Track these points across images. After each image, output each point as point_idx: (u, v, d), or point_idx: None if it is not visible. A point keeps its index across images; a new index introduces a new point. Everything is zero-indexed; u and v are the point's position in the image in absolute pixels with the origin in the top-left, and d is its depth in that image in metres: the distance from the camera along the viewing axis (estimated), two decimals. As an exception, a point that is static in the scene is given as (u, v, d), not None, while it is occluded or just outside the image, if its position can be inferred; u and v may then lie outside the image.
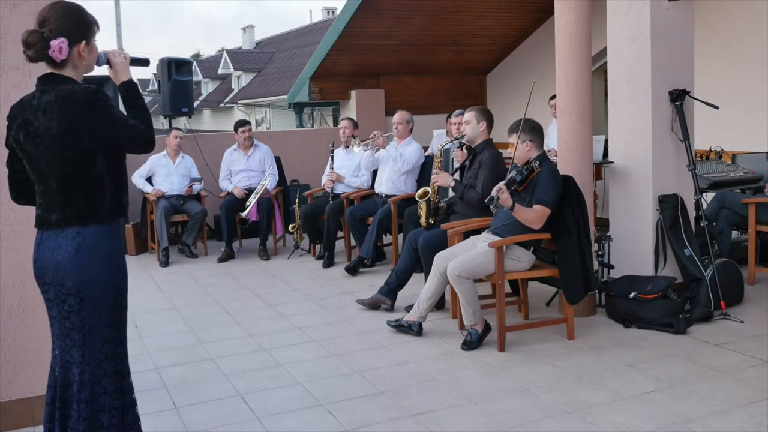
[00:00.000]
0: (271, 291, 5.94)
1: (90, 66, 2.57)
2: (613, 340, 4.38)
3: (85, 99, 2.41)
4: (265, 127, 27.66)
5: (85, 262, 2.42)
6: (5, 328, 3.35)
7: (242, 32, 40.96)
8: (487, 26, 9.27)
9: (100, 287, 2.46)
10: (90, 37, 2.52)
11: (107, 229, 2.50)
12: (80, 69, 2.53)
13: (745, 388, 3.57)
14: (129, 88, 2.58)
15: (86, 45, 2.50)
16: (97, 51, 2.58)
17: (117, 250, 2.54)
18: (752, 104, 6.65)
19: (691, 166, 4.96)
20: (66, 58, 2.46)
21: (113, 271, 2.51)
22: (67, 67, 2.50)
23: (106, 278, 2.48)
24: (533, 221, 4.27)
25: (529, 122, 4.46)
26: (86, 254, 2.43)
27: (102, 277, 2.46)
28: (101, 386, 2.52)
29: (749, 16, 6.76)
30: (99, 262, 2.45)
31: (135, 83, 2.61)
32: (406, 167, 6.54)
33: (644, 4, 4.89)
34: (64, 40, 2.43)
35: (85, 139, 2.42)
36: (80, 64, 2.52)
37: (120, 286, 2.55)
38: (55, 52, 2.42)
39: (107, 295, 2.49)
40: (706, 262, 4.83)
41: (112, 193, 2.52)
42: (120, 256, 2.55)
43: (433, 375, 3.93)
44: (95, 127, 2.41)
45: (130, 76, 2.59)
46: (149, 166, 7.53)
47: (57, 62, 2.45)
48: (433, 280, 4.53)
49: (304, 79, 9.62)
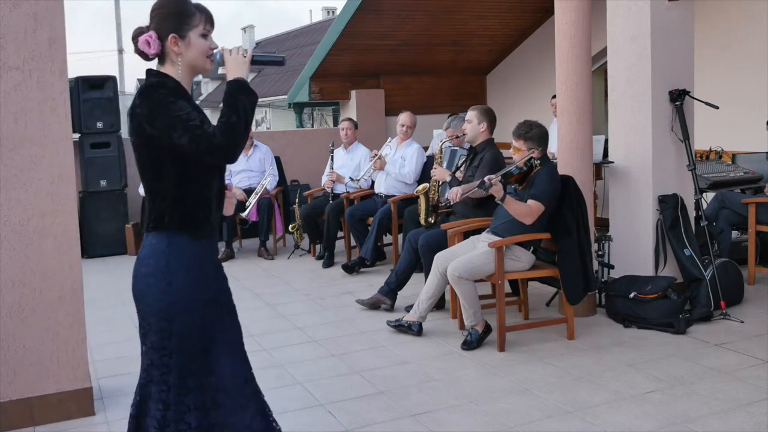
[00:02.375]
0: (271, 291, 5.94)
1: (195, 63, 2.31)
2: (613, 340, 4.38)
3: (140, 92, 2.22)
4: (265, 127, 27.66)
5: (139, 272, 2.29)
6: (5, 328, 3.35)
7: (242, 32, 40.97)
8: (487, 26, 9.27)
9: (145, 303, 2.28)
10: (182, 30, 2.26)
11: (167, 242, 2.24)
12: (179, 66, 2.29)
13: (745, 388, 3.57)
14: (229, 87, 2.25)
15: (178, 38, 2.26)
16: (200, 47, 2.30)
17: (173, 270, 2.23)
18: (752, 104, 6.65)
19: (691, 166, 4.96)
20: (161, 54, 2.28)
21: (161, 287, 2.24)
22: (166, 64, 2.30)
23: (150, 296, 2.25)
24: (525, 215, 4.26)
25: (539, 129, 4.44)
26: (140, 264, 2.29)
27: (146, 293, 2.27)
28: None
29: (749, 16, 6.76)
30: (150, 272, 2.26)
31: (239, 82, 2.25)
32: (407, 169, 6.56)
33: (644, 4, 4.89)
34: (152, 33, 2.25)
35: (146, 142, 2.21)
36: (177, 60, 2.28)
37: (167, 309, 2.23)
38: (143, 46, 2.26)
39: (153, 315, 2.26)
40: (706, 262, 4.83)
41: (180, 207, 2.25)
42: (177, 276, 2.23)
43: (433, 375, 3.93)
44: (149, 124, 2.17)
45: (238, 74, 2.25)
46: None
47: (149, 57, 2.28)
48: (433, 280, 4.53)
49: (304, 79, 9.61)
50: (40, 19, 3.35)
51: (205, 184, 2.28)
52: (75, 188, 3.53)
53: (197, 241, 2.27)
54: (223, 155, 2.19)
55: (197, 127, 2.13)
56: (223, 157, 2.20)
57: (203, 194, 2.28)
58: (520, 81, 9.66)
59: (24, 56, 3.33)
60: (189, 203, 2.25)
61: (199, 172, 2.26)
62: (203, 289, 2.28)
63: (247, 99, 2.21)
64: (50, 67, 3.38)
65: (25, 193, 3.36)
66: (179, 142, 2.14)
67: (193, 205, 2.26)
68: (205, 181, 2.28)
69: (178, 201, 2.24)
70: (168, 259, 2.23)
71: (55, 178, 3.42)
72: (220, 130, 2.15)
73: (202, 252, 2.29)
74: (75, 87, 7.49)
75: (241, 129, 2.18)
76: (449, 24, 8.95)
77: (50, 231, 3.42)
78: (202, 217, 2.28)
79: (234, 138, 2.17)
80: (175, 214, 2.24)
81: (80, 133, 7.61)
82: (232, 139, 2.16)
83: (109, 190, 7.71)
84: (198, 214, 2.28)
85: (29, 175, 3.37)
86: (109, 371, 4.13)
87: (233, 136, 2.16)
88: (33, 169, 3.38)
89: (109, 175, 7.70)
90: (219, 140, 2.14)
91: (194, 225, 2.27)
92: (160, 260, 2.23)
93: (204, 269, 2.29)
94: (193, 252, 2.26)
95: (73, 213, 3.49)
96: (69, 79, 3.53)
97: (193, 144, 2.13)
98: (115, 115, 7.84)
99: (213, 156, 2.18)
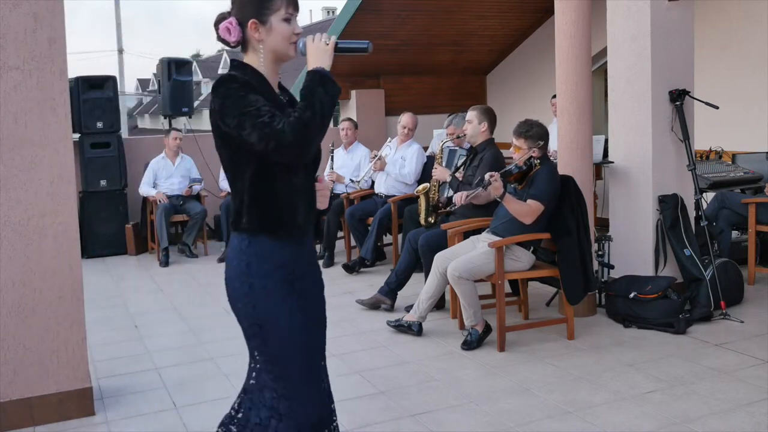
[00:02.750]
0: (271, 291, 5.93)
1: (278, 50, 2.14)
2: (613, 340, 4.38)
3: (213, 87, 2.07)
4: (265, 127, 27.59)
5: (226, 275, 2.18)
6: (5, 328, 3.35)
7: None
8: (487, 26, 9.27)
9: (236, 308, 2.17)
10: (263, 15, 2.10)
11: (247, 243, 2.12)
12: (261, 53, 2.14)
13: (745, 388, 3.57)
14: (307, 79, 2.05)
15: (258, 24, 2.11)
16: (283, 32, 2.12)
17: (253, 272, 2.11)
18: (752, 104, 6.65)
19: (691, 166, 4.96)
20: (243, 41, 2.15)
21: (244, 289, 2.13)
22: (248, 52, 2.16)
23: (238, 300, 2.15)
24: (524, 215, 4.26)
25: (539, 128, 4.44)
26: (226, 266, 2.18)
27: (234, 298, 2.16)
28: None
29: (749, 16, 6.76)
30: (234, 274, 2.14)
31: (319, 73, 2.04)
32: (407, 169, 6.56)
33: (644, 4, 4.89)
34: (233, 20, 2.12)
35: (221, 139, 2.10)
36: (259, 48, 2.13)
37: (254, 312, 2.12)
38: (223, 34, 2.13)
39: (242, 314, 2.15)
40: (706, 262, 4.83)
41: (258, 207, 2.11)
42: (259, 278, 2.11)
43: (433, 375, 3.93)
44: (221, 121, 2.04)
45: (318, 64, 2.06)
46: (151, 172, 7.51)
47: (231, 45, 2.15)
48: (433, 280, 4.52)
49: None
50: (40, 19, 3.35)
51: (286, 182, 2.10)
52: (75, 188, 3.53)
53: (280, 242, 2.12)
54: (293, 154, 1.99)
55: (265, 124, 1.96)
56: (293, 155, 2.00)
57: (285, 193, 2.11)
58: (520, 81, 9.66)
59: (24, 56, 3.33)
60: (268, 203, 2.10)
61: (278, 171, 2.08)
62: (289, 291, 2.13)
63: (325, 92, 2.01)
64: (50, 67, 3.38)
65: (25, 193, 3.37)
66: (249, 139, 1.98)
67: (272, 205, 2.10)
68: (287, 179, 2.10)
69: (257, 201, 2.09)
70: (249, 260, 2.10)
71: (55, 178, 3.42)
72: (291, 126, 1.95)
73: (287, 254, 2.13)
74: (75, 87, 7.49)
75: (316, 125, 1.97)
76: (449, 24, 8.95)
77: (50, 231, 3.42)
78: (284, 217, 2.12)
79: (306, 135, 1.96)
80: (253, 214, 2.10)
81: (80, 133, 7.61)
82: (303, 137, 1.96)
83: (109, 190, 7.71)
84: (279, 214, 2.11)
85: (29, 175, 3.37)
86: (109, 371, 4.13)
87: (305, 133, 1.96)
88: (33, 169, 3.38)
89: (109, 175, 7.70)
90: (288, 138, 1.94)
91: (275, 226, 2.11)
92: (241, 262, 2.11)
93: (289, 271, 2.13)
94: (276, 254, 2.11)
95: (73, 213, 3.49)
96: (69, 79, 3.53)
97: (262, 142, 1.96)
98: (115, 115, 7.85)
99: (282, 155, 2.00)
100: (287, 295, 2.12)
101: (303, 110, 1.97)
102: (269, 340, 2.11)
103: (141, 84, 41.01)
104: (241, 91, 2.02)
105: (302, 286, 2.17)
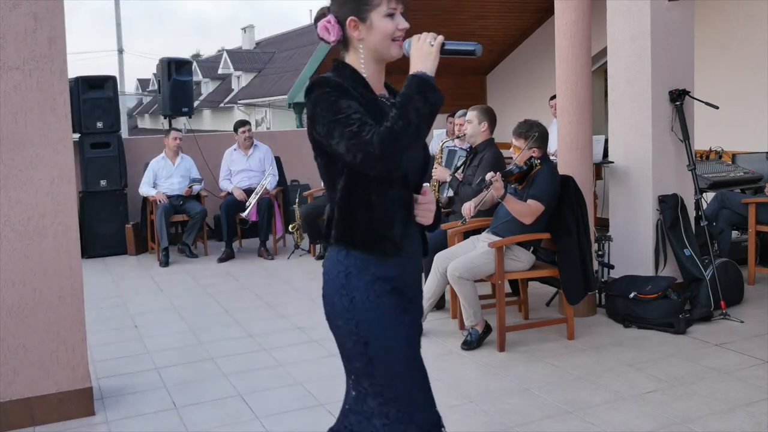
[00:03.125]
0: (271, 291, 5.94)
1: (379, 49, 1.96)
2: (613, 340, 4.38)
3: (307, 90, 1.93)
4: (265, 127, 27.66)
5: (324, 290, 2.01)
6: (5, 328, 3.35)
7: (242, 32, 40.98)
8: (487, 26, 9.27)
9: (335, 325, 2.01)
10: (362, 11, 1.93)
11: (345, 253, 1.96)
12: (361, 53, 1.97)
13: (745, 388, 3.57)
14: (406, 84, 1.84)
15: (358, 21, 1.94)
16: (384, 29, 1.93)
17: (353, 284, 1.94)
18: (752, 104, 6.65)
19: (691, 166, 4.96)
20: (343, 40, 1.98)
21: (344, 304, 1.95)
22: (349, 51, 1.99)
23: (337, 312, 1.98)
24: (524, 215, 4.26)
25: (539, 128, 4.44)
26: (323, 281, 2.01)
27: (333, 315, 2.00)
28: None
29: (749, 16, 6.76)
30: (332, 289, 1.98)
31: (419, 78, 1.84)
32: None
33: (644, 4, 4.89)
34: (331, 17, 1.96)
35: (314, 146, 1.95)
36: (359, 47, 1.96)
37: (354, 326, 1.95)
38: (322, 33, 1.98)
39: (343, 333, 1.98)
40: (706, 262, 4.83)
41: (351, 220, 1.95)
42: (360, 291, 1.94)
43: (433, 375, 3.90)
44: (313, 127, 1.90)
45: (420, 68, 1.86)
46: (151, 172, 7.50)
47: (330, 44, 2.01)
48: (433, 280, 4.52)
49: (304, 79, 9.63)
50: (40, 19, 3.35)
51: (380, 195, 1.93)
52: (75, 188, 3.53)
53: (377, 258, 1.95)
54: (380, 167, 1.80)
55: (354, 134, 1.79)
56: (381, 169, 1.81)
57: (379, 207, 1.93)
58: (520, 81, 9.66)
59: (24, 56, 3.33)
60: (362, 216, 1.93)
61: (372, 182, 1.90)
62: (394, 303, 1.97)
63: (423, 100, 1.80)
64: (50, 67, 3.38)
65: (25, 193, 3.37)
66: (337, 149, 1.83)
67: (366, 218, 1.93)
68: (382, 191, 1.93)
69: (347, 214, 1.94)
70: (348, 271, 1.94)
71: (55, 178, 3.42)
72: (380, 138, 1.76)
73: (386, 271, 1.96)
74: (75, 87, 7.49)
75: (409, 136, 1.78)
76: (449, 24, 8.95)
77: (50, 231, 3.42)
78: (377, 233, 1.94)
79: (396, 148, 1.77)
80: (347, 227, 1.94)
81: (80, 133, 7.61)
82: (393, 149, 1.77)
83: (109, 190, 7.71)
84: (371, 230, 1.94)
85: (29, 175, 3.37)
86: (109, 371, 4.13)
87: (395, 145, 1.77)
88: (33, 169, 3.38)
89: (109, 175, 7.70)
90: (376, 150, 1.76)
91: (368, 242, 1.94)
92: (339, 274, 1.95)
93: (392, 284, 1.97)
94: (375, 269, 1.95)
95: (73, 213, 3.49)
96: (69, 79, 3.53)
97: (350, 154, 1.80)
98: (115, 115, 7.85)
99: (370, 168, 1.82)
100: (392, 308, 1.96)
101: (395, 120, 1.79)
102: (376, 360, 1.94)
103: (141, 84, 41.03)
104: (333, 95, 1.86)
105: (406, 297, 2.03)
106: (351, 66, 1.98)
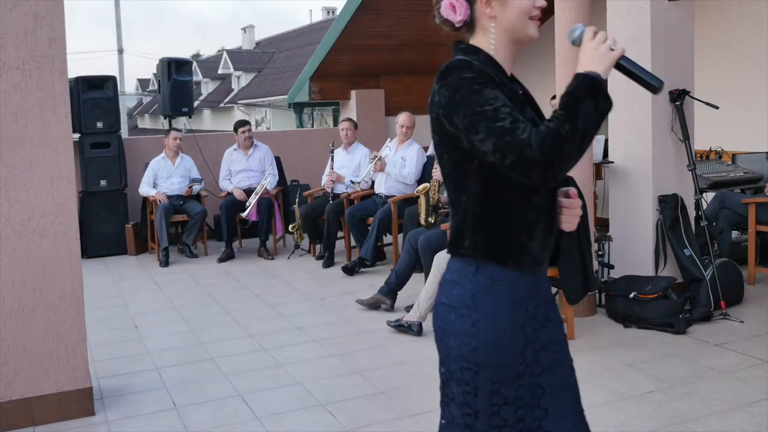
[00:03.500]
0: (271, 291, 5.94)
1: (514, 29, 1.70)
2: (613, 340, 4.38)
3: (439, 75, 1.67)
4: (265, 127, 27.67)
5: (439, 302, 1.75)
6: (5, 328, 3.35)
7: (242, 32, 40.99)
8: (487, 26, 9.27)
9: (445, 344, 1.73)
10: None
11: (474, 269, 1.68)
12: (492, 34, 1.71)
13: (745, 388, 3.57)
14: (574, 83, 1.60)
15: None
16: (520, 5, 1.68)
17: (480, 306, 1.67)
18: (752, 104, 6.65)
19: (691, 166, 4.96)
20: (471, 21, 1.72)
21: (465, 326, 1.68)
22: (476, 33, 1.73)
23: (451, 336, 1.70)
24: None
25: None
26: (441, 292, 1.75)
27: (447, 332, 1.72)
28: None
29: (749, 16, 6.76)
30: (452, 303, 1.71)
31: (590, 79, 1.59)
32: (407, 170, 6.57)
33: (644, 4, 4.89)
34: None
35: (444, 140, 1.69)
36: (490, 27, 1.70)
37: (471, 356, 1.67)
38: (446, 12, 1.72)
39: (452, 354, 1.71)
40: (706, 262, 4.83)
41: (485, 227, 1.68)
42: (486, 316, 1.66)
43: (433, 375, 3.90)
44: (447, 119, 1.63)
45: (593, 68, 1.60)
46: (151, 172, 7.50)
47: (456, 27, 1.74)
48: (433, 280, 4.52)
49: (304, 79, 9.62)
50: (40, 19, 3.35)
51: (521, 200, 1.66)
52: (75, 188, 3.53)
53: (513, 272, 1.68)
54: (536, 174, 1.53)
55: (506, 131, 1.52)
56: (536, 177, 1.54)
57: (518, 213, 1.67)
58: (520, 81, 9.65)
59: (24, 56, 3.33)
60: (497, 224, 1.67)
61: (513, 186, 1.63)
62: (521, 334, 1.69)
63: (594, 106, 1.56)
64: (50, 67, 3.38)
65: (25, 193, 3.37)
66: (481, 147, 1.56)
67: (503, 226, 1.67)
68: (523, 197, 1.66)
69: (483, 220, 1.67)
70: (475, 292, 1.67)
71: (55, 178, 3.42)
72: (541, 139, 1.50)
73: (522, 286, 1.69)
74: (75, 87, 7.49)
75: (574, 144, 1.52)
76: (449, 24, 8.95)
77: (50, 231, 3.42)
78: (517, 243, 1.68)
79: (559, 155, 1.51)
80: (478, 236, 1.68)
81: (80, 133, 7.61)
82: (555, 155, 1.50)
83: (109, 190, 7.71)
84: (511, 240, 1.68)
85: (29, 175, 3.37)
86: (109, 371, 4.13)
87: (558, 151, 1.50)
88: (33, 169, 3.38)
89: (109, 175, 7.70)
90: (535, 154, 1.50)
91: (505, 253, 1.67)
92: (465, 291, 1.68)
93: (523, 308, 1.70)
94: (510, 286, 1.68)
95: (73, 213, 3.50)
96: (69, 79, 3.53)
97: (498, 153, 1.53)
98: (115, 115, 7.85)
99: (522, 173, 1.54)
100: (520, 338, 1.69)
101: (561, 121, 1.52)
102: (481, 392, 1.68)
103: (141, 84, 41.06)
104: (477, 82, 1.58)
105: (534, 326, 1.72)
106: (483, 50, 1.71)
